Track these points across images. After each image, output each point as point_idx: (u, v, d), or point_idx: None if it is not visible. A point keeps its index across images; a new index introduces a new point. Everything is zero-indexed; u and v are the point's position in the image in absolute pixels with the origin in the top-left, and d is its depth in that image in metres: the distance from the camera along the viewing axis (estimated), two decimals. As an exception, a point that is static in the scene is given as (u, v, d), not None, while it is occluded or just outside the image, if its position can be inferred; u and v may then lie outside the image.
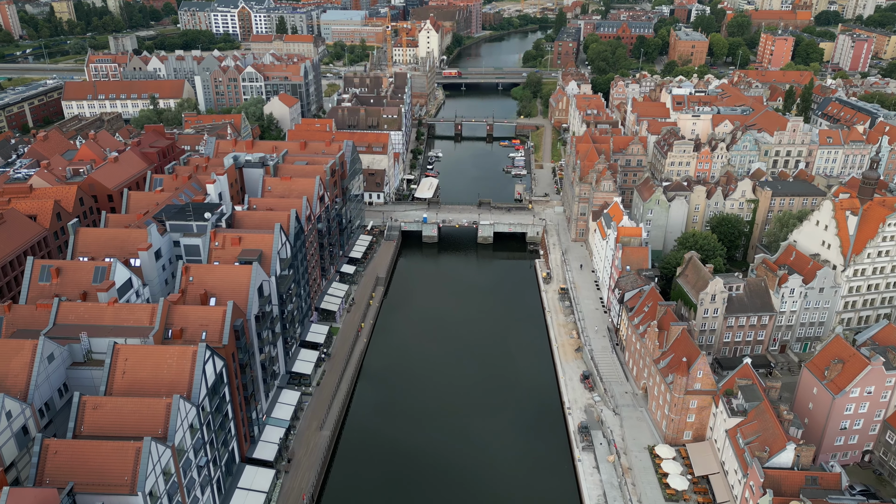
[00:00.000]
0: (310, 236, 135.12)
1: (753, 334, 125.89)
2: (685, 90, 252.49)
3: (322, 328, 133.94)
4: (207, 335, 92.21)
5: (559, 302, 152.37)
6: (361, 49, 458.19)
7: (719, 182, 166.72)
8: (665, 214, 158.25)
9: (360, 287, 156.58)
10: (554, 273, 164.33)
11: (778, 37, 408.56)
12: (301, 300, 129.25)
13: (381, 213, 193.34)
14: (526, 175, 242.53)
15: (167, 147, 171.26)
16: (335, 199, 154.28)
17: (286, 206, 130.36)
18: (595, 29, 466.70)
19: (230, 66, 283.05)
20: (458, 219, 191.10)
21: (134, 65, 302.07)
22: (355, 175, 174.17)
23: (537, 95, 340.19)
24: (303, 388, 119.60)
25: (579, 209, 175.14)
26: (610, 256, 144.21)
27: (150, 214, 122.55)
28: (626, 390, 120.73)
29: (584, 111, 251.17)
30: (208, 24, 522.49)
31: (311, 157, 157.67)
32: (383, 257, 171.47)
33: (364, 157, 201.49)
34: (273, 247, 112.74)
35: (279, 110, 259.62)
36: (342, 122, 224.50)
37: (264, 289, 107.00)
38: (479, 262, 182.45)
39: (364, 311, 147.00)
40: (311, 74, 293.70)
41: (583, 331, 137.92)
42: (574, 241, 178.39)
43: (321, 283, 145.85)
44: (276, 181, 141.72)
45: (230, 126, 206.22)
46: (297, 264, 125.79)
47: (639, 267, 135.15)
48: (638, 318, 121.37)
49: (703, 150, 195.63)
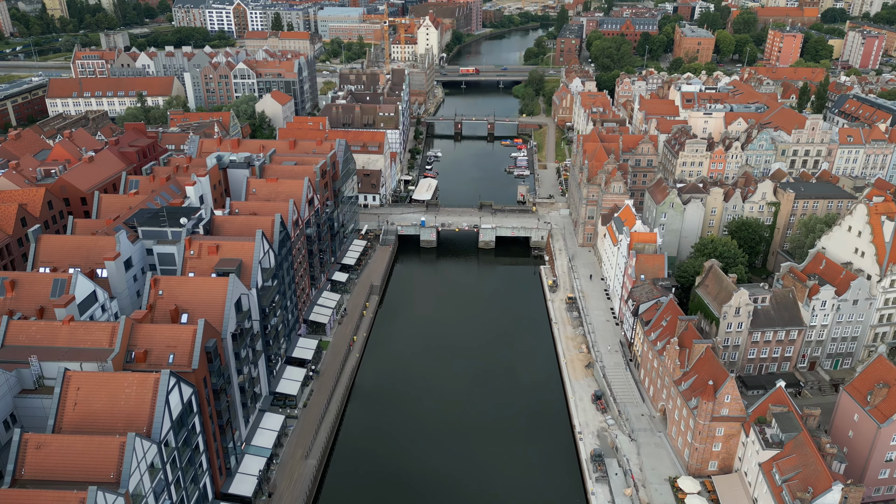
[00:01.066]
0: (297, 243, 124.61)
1: (781, 350, 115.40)
2: (695, 87, 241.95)
3: (310, 342, 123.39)
4: (175, 358, 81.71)
5: (567, 312, 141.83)
6: (359, 46, 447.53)
7: (737, 184, 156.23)
8: (679, 218, 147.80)
9: (352, 296, 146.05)
10: (560, 281, 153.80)
11: (786, 33, 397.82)
12: (287, 313, 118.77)
13: (376, 217, 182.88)
14: (529, 176, 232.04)
15: (148, 146, 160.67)
16: (326, 201, 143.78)
17: (271, 211, 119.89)
18: (598, 26, 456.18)
19: (221, 62, 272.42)
20: (458, 222, 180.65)
21: (122, 61, 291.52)
22: (349, 176, 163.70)
23: (540, 93, 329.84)
24: (288, 411, 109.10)
25: (587, 212, 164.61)
26: (622, 264, 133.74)
27: (122, 220, 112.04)
28: (642, 412, 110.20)
29: (590, 109, 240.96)
30: (203, 22, 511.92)
31: (301, 157, 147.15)
32: (378, 264, 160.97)
33: (359, 156, 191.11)
34: (254, 256, 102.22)
35: (272, 108, 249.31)
36: (336, 120, 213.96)
37: (243, 303, 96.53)
38: (481, 268, 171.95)
39: (357, 323, 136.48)
40: (305, 71, 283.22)
41: (593, 345, 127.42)
42: (581, 247, 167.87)
43: (310, 292, 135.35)
44: (261, 183, 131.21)
45: (217, 124, 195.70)
46: (283, 274, 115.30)
47: (654, 276, 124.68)
48: (655, 333, 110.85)
49: (716, 150, 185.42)
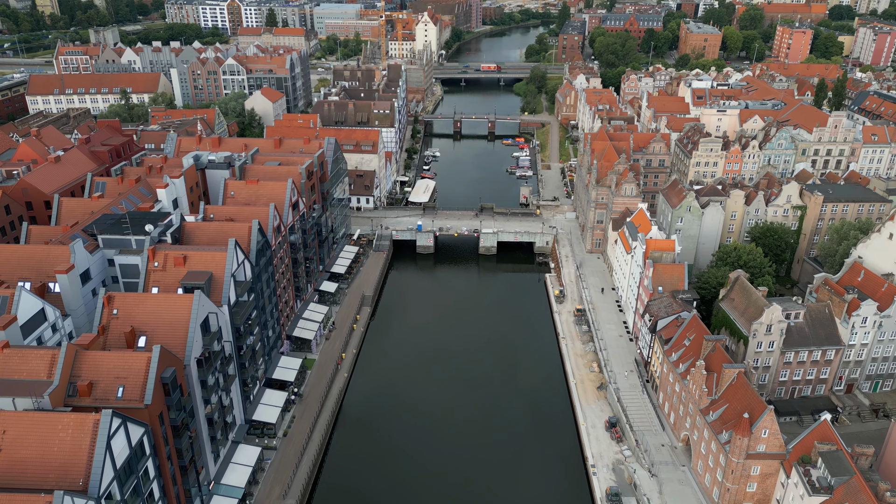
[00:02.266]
0: (279, 251, 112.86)
1: (815, 372, 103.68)
2: (706, 83, 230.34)
3: (294, 361, 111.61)
4: (125, 391, 69.99)
5: (575, 326, 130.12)
6: (356, 43, 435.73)
7: (759, 185, 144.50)
8: (697, 223, 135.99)
9: (342, 308, 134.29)
10: (568, 290, 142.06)
11: (796, 30, 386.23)
12: (267, 330, 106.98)
13: (369, 220, 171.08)
14: (532, 176, 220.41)
15: (123, 145, 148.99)
16: (313, 205, 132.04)
17: (249, 216, 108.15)
18: (601, 22, 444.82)
19: (210, 58, 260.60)
20: (457, 226, 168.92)
21: (107, 57, 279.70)
22: (339, 177, 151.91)
23: (542, 91, 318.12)
24: (265, 441, 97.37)
25: (596, 216, 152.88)
26: (636, 274, 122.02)
27: (80, 226, 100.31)
28: (662, 442, 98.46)
29: (595, 106, 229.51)
30: (196, 18, 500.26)
31: (286, 157, 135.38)
32: (371, 272, 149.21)
33: (351, 156, 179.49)
34: (226, 268, 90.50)
35: (262, 105, 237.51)
36: (328, 117, 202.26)
37: (212, 322, 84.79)
38: (481, 276, 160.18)
39: (346, 338, 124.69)
40: (298, 67, 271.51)
41: (606, 363, 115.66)
42: (590, 253, 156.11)
43: (295, 305, 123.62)
44: (240, 185, 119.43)
45: (201, 122, 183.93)
46: (262, 287, 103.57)
47: (673, 288, 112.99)
48: (676, 353, 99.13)
49: (732, 149, 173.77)
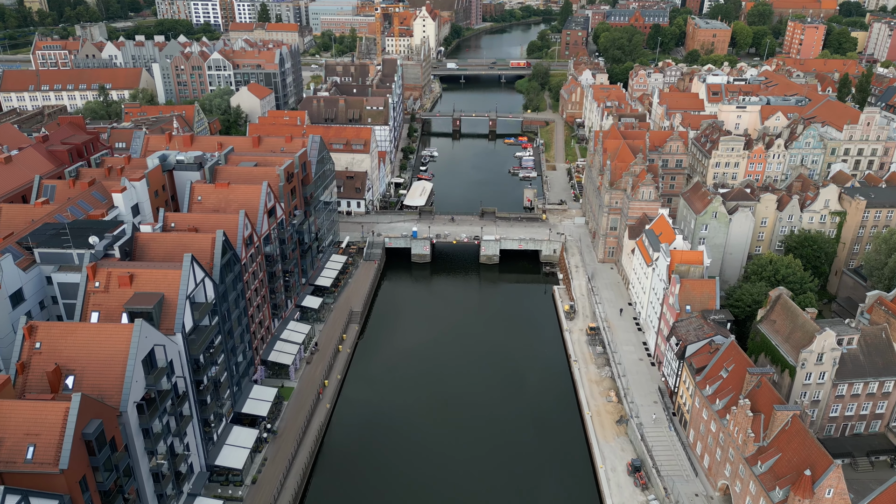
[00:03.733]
0: (251, 265, 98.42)
1: (871, 406, 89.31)
2: (721, 78, 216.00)
3: (268, 391, 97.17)
4: (37, 452, 55.72)
5: (589, 347, 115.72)
6: (351, 40, 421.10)
7: (791, 189, 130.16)
8: (724, 231, 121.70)
9: (326, 326, 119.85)
10: (579, 305, 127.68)
11: (808, 25, 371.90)
12: (235, 356, 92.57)
13: (360, 226, 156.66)
14: (536, 178, 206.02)
15: (85, 144, 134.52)
16: (294, 210, 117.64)
17: (216, 225, 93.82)
18: (605, 18, 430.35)
19: (194, 52, 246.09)
20: (456, 233, 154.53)
21: (86, 52, 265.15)
22: (326, 179, 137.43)
23: (545, 87, 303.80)
24: (230, 491, 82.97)
25: (609, 222, 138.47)
26: (658, 290, 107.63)
27: (15, 238, 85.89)
28: (695, 491, 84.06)
29: (603, 103, 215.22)
30: (188, 14, 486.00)
31: (264, 157, 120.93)
32: (360, 284, 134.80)
33: (341, 156, 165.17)
34: (181, 289, 76.12)
35: (248, 102, 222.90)
36: (317, 114, 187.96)
37: (159, 356, 70.39)
38: (483, 288, 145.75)
39: (330, 362, 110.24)
40: (288, 62, 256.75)
41: (625, 392, 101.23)
42: (602, 263, 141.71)
43: (271, 325, 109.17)
44: (208, 189, 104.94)
45: (179, 119, 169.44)
46: (228, 308, 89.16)
47: (703, 307, 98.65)
48: (712, 386, 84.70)
49: (755, 148, 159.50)
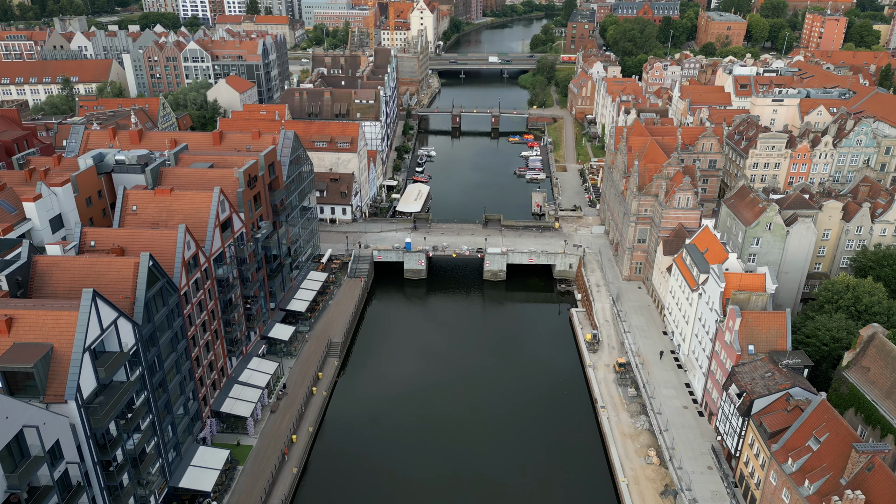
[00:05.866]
0: (196, 294, 77.39)
1: None
2: (751, 70, 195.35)
3: (216, 455, 76.13)
4: None
5: (618, 388, 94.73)
6: (345, 34, 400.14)
7: (856, 194, 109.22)
8: (780, 246, 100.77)
9: (299, 362, 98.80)
10: (604, 334, 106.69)
11: (828, 17, 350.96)
12: (171, 414, 71.54)
13: (345, 237, 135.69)
14: (545, 180, 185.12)
15: (17, 140, 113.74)
16: (258, 221, 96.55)
17: (149, 244, 72.94)
18: (612, 11, 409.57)
19: (169, 42, 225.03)
20: (456, 244, 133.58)
21: (53, 42, 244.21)
22: (302, 183, 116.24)
23: (552, 82, 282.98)
24: None
25: (636, 234, 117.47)
26: (709, 322, 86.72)
27: None
28: None
29: (619, 98, 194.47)
30: (175, 8, 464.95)
31: (223, 157, 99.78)
32: (343, 307, 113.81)
33: (325, 155, 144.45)
34: (76, 338, 55.17)
35: (227, 96, 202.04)
36: (300, 108, 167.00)
37: (31, 441, 49.40)
38: (487, 310, 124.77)
39: (300, 409, 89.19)
40: (273, 54, 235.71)
41: (670, 453, 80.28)
42: (627, 281, 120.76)
43: (227, 365, 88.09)
44: (146, 197, 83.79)
45: (140, 114, 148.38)
46: (159, 353, 68.15)
47: (770, 347, 77.78)
48: (797, 461, 63.65)
49: (800, 147, 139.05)
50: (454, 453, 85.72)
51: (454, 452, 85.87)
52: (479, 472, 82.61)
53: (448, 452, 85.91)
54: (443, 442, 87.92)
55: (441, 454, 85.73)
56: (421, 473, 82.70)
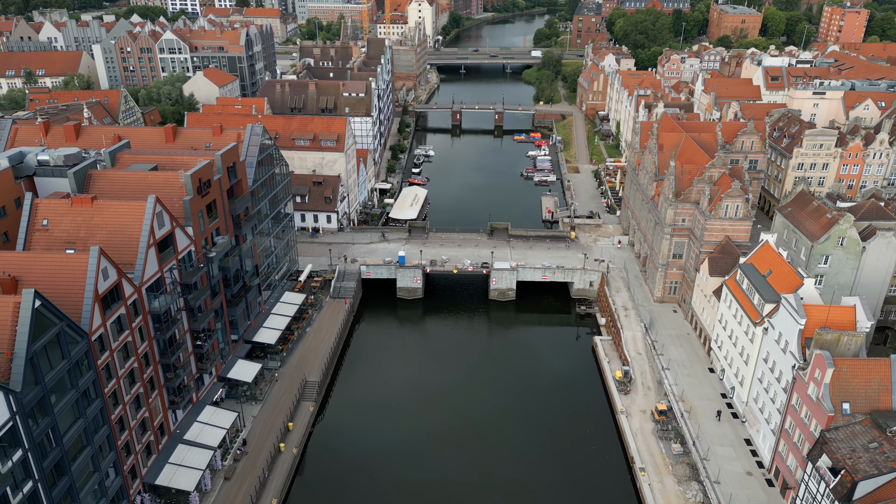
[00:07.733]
0: (119, 337, 58.98)
1: None
2: (783, 61, 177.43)
3: (145, 548, 57.85)
4: None
5: (659, 443, 76.43)
6: (338, 27, 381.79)
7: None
8: (854, 265, 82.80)
9: (264, 409, 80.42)
10: (637, 370, 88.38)
11: (848, 10, 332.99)
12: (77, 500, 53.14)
13: (328, 249, 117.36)
14: (556, 182, 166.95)
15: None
16: (211, 237, 78.11)
17: (46, 273, 54.65)
18: (619, 4, 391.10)
19: (143, 32, 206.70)
20: (457, 258, 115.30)
21: (21, 33, 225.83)
22: (276, 187, 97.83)
23: (559, 76, 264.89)
24: None
25: (671, 248, 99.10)
26: (780, 366, 68.42)
27: None
28: None
29: (636, 92, 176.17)
30: (163, 2, 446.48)
31: (172, 158, 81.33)
32: (323, 335, 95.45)
33: (307, 155, 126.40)
34: None
35: (205, 90, 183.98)
36: (281, 102, 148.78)
37: None
38: (494, 336, 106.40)
39: (263, 473, 70.81)
40: (258, 45, 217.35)
41: (736, 541, 62.01)
42: (660, 303, 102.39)
43: (168, 422, 69.67)
44: (62, 207, 65.39)
45: (96, 108, 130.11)
46: (55, 424, 49.77)
47: (871, 406, 59.59)
48: (939, 582, 45.38)
49: (851, 145, 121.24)
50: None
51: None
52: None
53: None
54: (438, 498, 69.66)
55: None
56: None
